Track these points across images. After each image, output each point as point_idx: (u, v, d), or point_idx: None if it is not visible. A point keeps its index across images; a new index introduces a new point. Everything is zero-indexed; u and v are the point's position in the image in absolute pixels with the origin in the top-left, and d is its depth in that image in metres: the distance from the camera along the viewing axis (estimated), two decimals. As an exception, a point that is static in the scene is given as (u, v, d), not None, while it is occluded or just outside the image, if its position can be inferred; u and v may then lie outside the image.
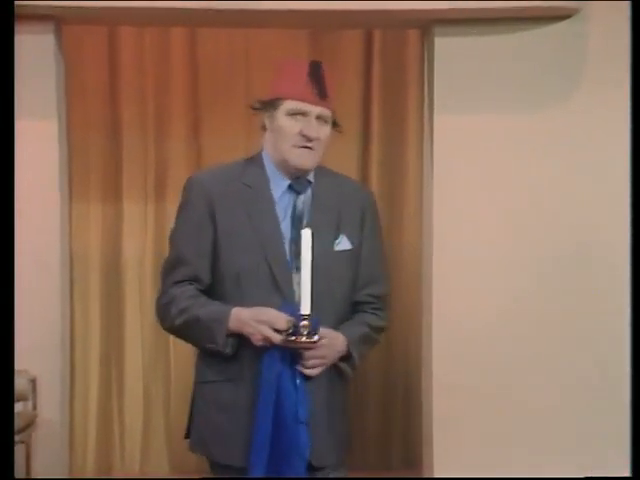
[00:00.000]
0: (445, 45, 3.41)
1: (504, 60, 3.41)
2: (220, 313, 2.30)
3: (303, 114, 2.34)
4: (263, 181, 2.39)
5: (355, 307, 2.43)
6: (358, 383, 4.04)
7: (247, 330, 2.25)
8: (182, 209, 2.41)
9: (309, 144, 2.34)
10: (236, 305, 2.30)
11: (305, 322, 2.21)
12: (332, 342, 2.29)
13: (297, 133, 2.34)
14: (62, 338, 3.47)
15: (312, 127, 2.34)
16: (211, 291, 2.36)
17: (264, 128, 2.40)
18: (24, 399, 3.38)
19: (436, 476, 3.39)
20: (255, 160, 2.43)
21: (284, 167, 2.38)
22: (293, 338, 2.21)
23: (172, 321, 2.34)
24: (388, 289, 2.48)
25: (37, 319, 3.38)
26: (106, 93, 4.15)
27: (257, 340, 2.25)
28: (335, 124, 2.40)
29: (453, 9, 3.26)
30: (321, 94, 2.36)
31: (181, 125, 4.19)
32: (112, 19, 3.57)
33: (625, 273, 2.93)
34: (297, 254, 2.30)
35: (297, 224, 2.36)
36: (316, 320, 2.23)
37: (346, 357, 2.33)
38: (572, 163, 3.41)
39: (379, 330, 2.46)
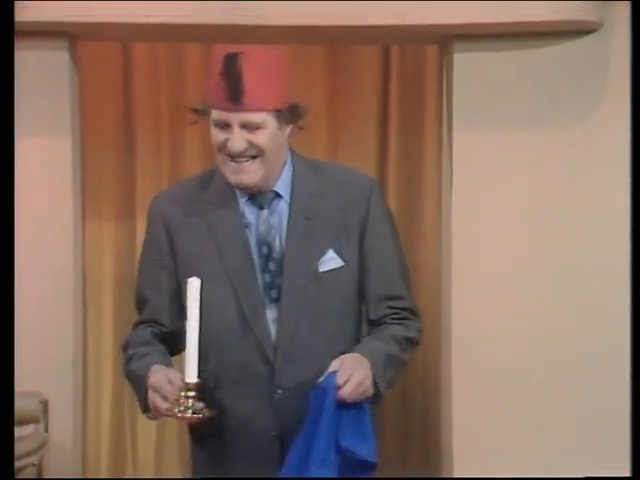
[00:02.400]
0: (464, 61, 3.37)
1: (524, 76, 3.37)
2: (144, 369, 1.98)
3: (226, 124, 1.97)
4: (224, 197, 2.05)
5: (373, 323, 2.10)
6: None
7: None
8: (145, 240, 2.15)
9: (239, 159, 1.97)
10: (207, 348, 1.95)
11: (190, 393, 1.86)
12: (359, 366, 1.92)
13: (224, 145, 1.98)
14: (74, 359, 3.43)
15: (235, 139, 1.95)
16: (175, 333, 2.06)
17: None
18: (36, 421, 3.34)
19: (456, 476, 3.37)
20: (210, 173, 2.11)
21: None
22: (175, 411, 1.87)
23: (123, 369, 2.09)
24: (411, 298, 2.14)
25: (49, 340, 3.35)
26: (120, 110, 4.12)
27: (150, 407, 1.95)
28: (292, 119, 2.00)
29: (472, 24, 3.23)
30: (235, 98, 1.93)
31: (195, 142, 4.15)
32: (126, 35, 3.56)
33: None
34: (270, 285, 2.01)
35: (263, 248, 2.04)
36: (329, 379, 1.88)
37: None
38: (594, 180, 3.36)
39: (407, 342, 2.08)
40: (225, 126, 1.98)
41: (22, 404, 3.22)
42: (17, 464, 3.13)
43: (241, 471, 2.06)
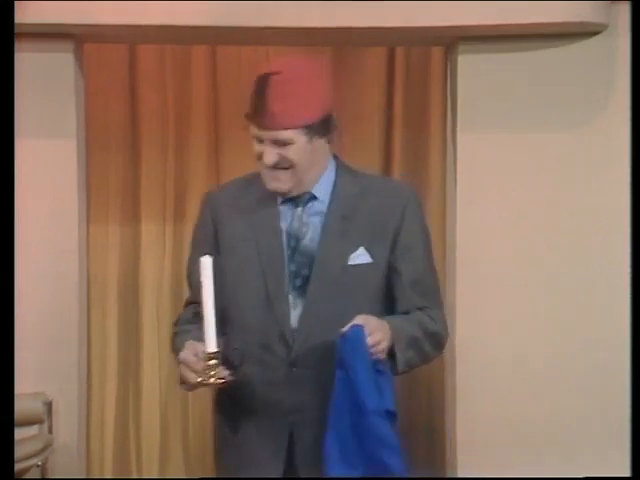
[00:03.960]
0: (469, 62, 3.36)
1: (529, 78, 3.37)
2: (180, 346, 2.18)
3: (260, 139, 2.15)
4: (268, 195, 2.24)
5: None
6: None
7: None
8: (195, 229, 2.36)
9: (271, 171, 2.16)
10: (237, 327, 2.19)
11: (212, 362, 2.03)
12: (379, 325, 2.06)
13: (260, 158, 2.18)
14: (79, 361, 3.43)
15: (267, 154, 2.14)
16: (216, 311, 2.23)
17: None
18: (40, 422, 3.34)
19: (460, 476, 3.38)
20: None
21: None
22: (200, 380, 2.04)
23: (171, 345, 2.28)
24: (440, 308, 2.28)
25: (54, 341, 3.35)
26: (125, 112, 4.12)
27: (181, 380, 2.13)
28: (323, 132, 2.20)
29: (477, 26, 3.23)
30: (263, 119, 2.11)
31: (201, 145, 4.15)
32: (132, 37, 3.55)
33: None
34: (295, 274, 2.18)
35: (291, 241, 2.22)
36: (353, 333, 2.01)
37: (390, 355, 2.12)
38: (598, 181, 3.36)
39: (433, 337, 2.22)
40: (260, 140, 2.15)
41: (26, 405, 3.23)
42: (21, 465, 3.14)
43: (255, 442, 2.22)
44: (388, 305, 2.26)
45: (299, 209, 2.24)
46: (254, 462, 2.23)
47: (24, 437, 3.25)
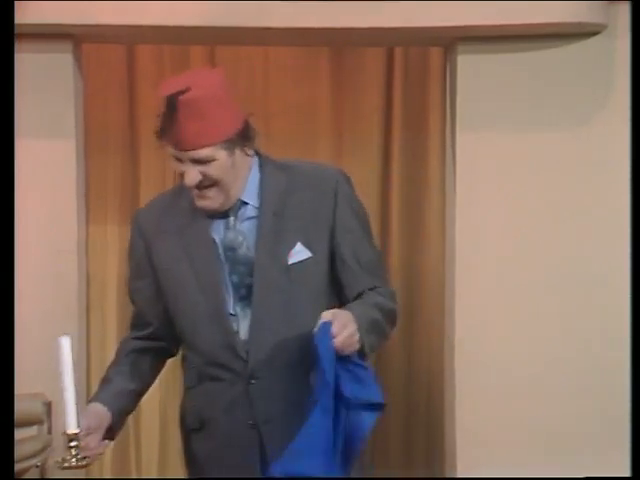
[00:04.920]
0: (468, 63, 3.36)
1: (528, 78, 3.37)
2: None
3: (178, 159, 2.07)
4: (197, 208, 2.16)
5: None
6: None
7: None
8: (128, 251, 2.30)
9: (196, 191, 2.08)
10: (189, 347, 2.18)
11: (72, 443, 1.97)
12: (348, 317, 1.98)
13: (181, 177, 2.09)
14: (78, 361, 3.41)
15: (189, 174, 2.05)
16: (159, 331, 2.26)
17: None
18: (39, 423, 3.33)
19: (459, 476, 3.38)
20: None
21: None
22: (60, 462, 2.00)
23: None
24: (388, 284, 2.20)
25: (53, 341, 3.33)
26: (124, 112, 4.12)
27: None
28: (243, 142, 2.09)
29: (476, 26, 3.23)
30: (178, 141, 2.04)
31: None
32: (131, 38, 3.55)
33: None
34: (238, 285, 2.12)
35: (227, 252, 2.14)
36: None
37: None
38: (598, 181, 3.36)
39: (390, 315, 2.15)
40: (179, 160, 2.07)
41: (26, 406, 3.22)
42: (21, 466, 3.14)
43: (224, 460, 2.16)
44: (337, 294, 2.19)
45: (231, 218, 2.15)
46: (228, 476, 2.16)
47: (23, 438, 3.24)
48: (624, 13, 3.23)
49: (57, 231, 3.38)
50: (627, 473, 2.46)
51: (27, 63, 3.25)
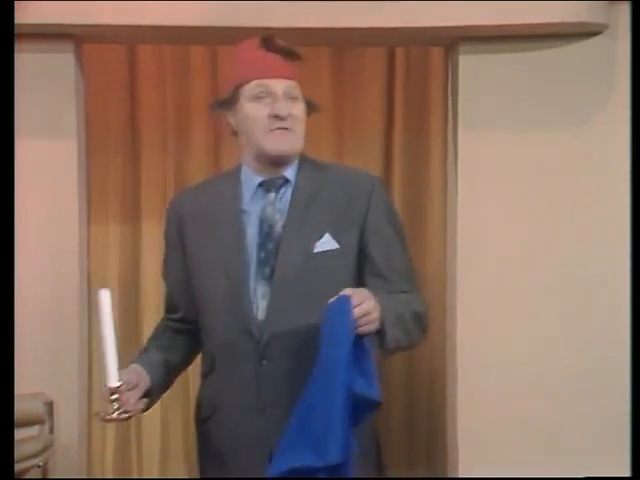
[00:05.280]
0: (469, 63, 3.36)
1: (530, 78, 3.37)
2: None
3: (268, 94, 2.12)
4: (233, 187, 2.20)
5: None
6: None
7: None
8: (164, 236, 2.37)
9: (283, 124, 2.11)
10: (206, 330, 2.19)
11: (113, 396, 2.02)
12: (368, 295, 1.95)
13: (267, 116, 2.11)
14: (80, 361, 3.43)
15: (281, 105, 2.10)
16: (187, 318, 2.29)
17: (234, 132, 2.20)
18: (41, 422, 3.33)
19: (461, 476, 3.38)
20: (234, 169, 2.27)
21: (262, 160, 2.15)
22: (103, 414, 2.04)
23: None
24: (418, 291, 2.19)
25: (55, 341, 3.35)
26: (125, 112, 4.12)
27: None
28: (310, 104, 2.17)
29: (478, 26, 3.23)
30: (284, 64, 2.14)
31: (201, 145, 4.16)
32: (131, 37, 3.55)
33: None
34: (264, 262, 2.11)
35: (263, 227, 2.15)
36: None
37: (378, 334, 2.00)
38: (599, 181, 3.36)
39: (419, 318, 2.12)
40: (265, 96, 2.11)
41: (27, 405, 3.23)
42: (22, 466, 3.14)
43: (234, 446, 2.18)
44: None
45: (272, 194, 2.18)
46: (238, 465, 2.18)
47: (25, 437, 3.25)
48: (625, 13, 3.23)
49: (58, 231, 3.38)
50: (627, 473, 2.47)
51: (28, 63, 3.25)
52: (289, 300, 2.12)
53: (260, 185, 2.19)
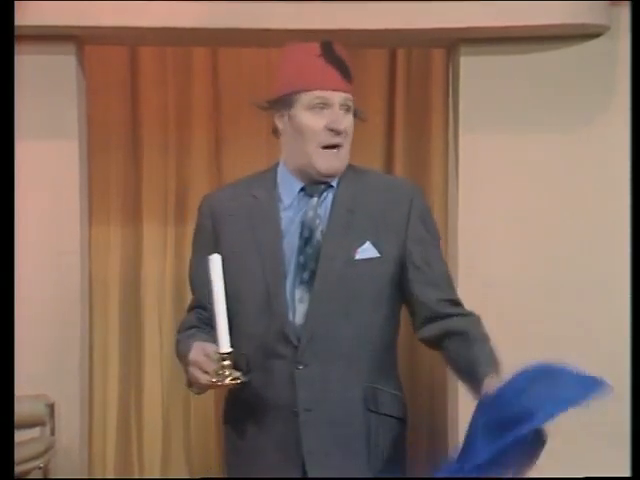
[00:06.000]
0: (471, 64, 3.36)
1: (531, 79, 3.37)
2: (187, 349, 2.12)
3: (326, 106, 2.08)
4: (271, 189, 2.18)
5: (432, 318, 2.16)
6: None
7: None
8: (194, 232, 2.30)
9: (338, 140, 2.09)
10: (236, 332, 2.09)
11: (225, 362, 1.99)
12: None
13: (323, 128, 2.09)
14: (81, 362, 3.43)
15: (339, 118, 2.08)
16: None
17: (277, 133, 2.19)
18: (42, 424, 3.33)
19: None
20: (269, 170, 2.25)
21: (307, 173, 2.14)
22: (214, 380, 2.00)
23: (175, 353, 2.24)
24: (455, 293, 2.21)
25: (56, 343, 3.35)
26: (127, 113, 4.12)
27: (192, 381, 2.09)
28: (356, 113, 2.14)
29: (479, 28, 3.23)
30: (344, 76, 2.09)
31: (202, 146, 4.15)
32: (133, 39, 3.55)
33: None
34: (303, 267, 2.11)
35: (305, 231, 2.14)
36: None
37: None
38: (599, 183, 3.36)
39: (485, 336, 2.17)
40: (323, 107, 2.08)
41: (28, 407, 3.23)
42: (23, 467, 3.14)
43: (266, 446, 2.15)
44: (404, 300, 2.20)
45: (314, 199, 2.17)
46: (268, 468, 2.17)
47: (26, 439, 3.25)
48: (626, 15, 3.23)
49: (59, 232, 3.38)
50: (627, 473, 2.47)
51: (31, 65, 3.25)
52: (328, 306, 2.11)
53: (302, 190, 2.19)
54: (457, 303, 2.22)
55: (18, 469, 2.99)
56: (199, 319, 2.24)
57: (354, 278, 2.13)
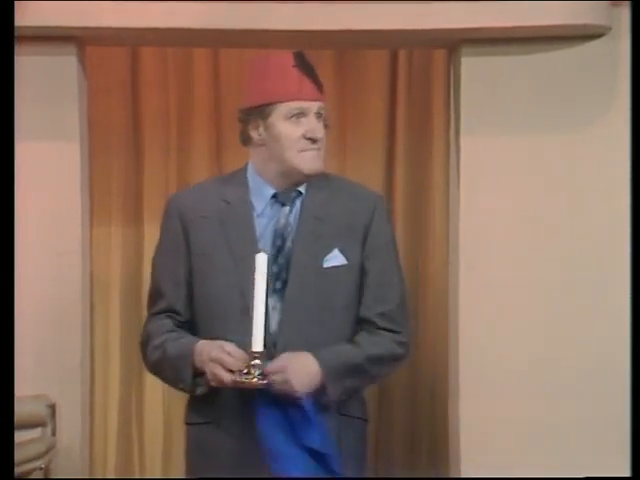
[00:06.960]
0: (472, 65, 3.36)
1: (532, 80, 3.37)
2: (185, 349, 2.10)
3: (303, 114, 2.13)
4: (244, 196, 2.18)
5: (360, 326, 2.18)
6: (384, 388, 4.01)
7: (204, 368, 2.06)
8: (161, 234, 2.26)
9: (315, 146, 2.14)
10: (208, 337, 2.09)
11: (256, 361, 1.99)
12: (294, 366, 2.05)
13: (300, 137, 2.13)
14: (82, 363, 3.43)
15: (316, 127, 2.13)
16: (190, 322, 2.19)
17: (247, 141, 2.21)
18: (43, 424, 3.33)
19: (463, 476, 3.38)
20: (237, 174, 2.25)
21: (288, 177, 2.16)
22: (240, 379, 2.00)
23: (148, 361, 2.20)
24: (403, 307, 2.22)
25: (57, 343, 3.35)
26: (128, 114, 4.12)
27: (211, 380, 2.07)
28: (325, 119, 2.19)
29: (480, 28, 3.23)
30: (317, 86, 2.15)
31: (203, 147, 4.16)
32: (134, 40, 3.56)
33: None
34: (276, 276, 2.12)
35: (277, 240, 2.16)
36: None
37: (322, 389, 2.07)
38: (600, 183, 3.36)
39: (377, 361, 2.16)
40: (300, 116, 2.13)
41: (29, 408, 3.23)
42: (24, 468, 3.14)
43: (237, 449, 2.15)
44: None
45: (286, 208, 2.19)
46: (238, 466, 2.15)
47: (27, 440, 3.25)
48: (627, 15, 3.23)
49: (60, 232, 3.39)
50: (627, 473, 2.47)
51: (31, 66, 3.26)
52: (302, 314, 2.12)
53: (274, 197, 2.20)
54: (392, 318, 2.21)
55: (19, 470, 2.99)
56: (176, 324, 2.20)
57: (324, 286, 2.15)
